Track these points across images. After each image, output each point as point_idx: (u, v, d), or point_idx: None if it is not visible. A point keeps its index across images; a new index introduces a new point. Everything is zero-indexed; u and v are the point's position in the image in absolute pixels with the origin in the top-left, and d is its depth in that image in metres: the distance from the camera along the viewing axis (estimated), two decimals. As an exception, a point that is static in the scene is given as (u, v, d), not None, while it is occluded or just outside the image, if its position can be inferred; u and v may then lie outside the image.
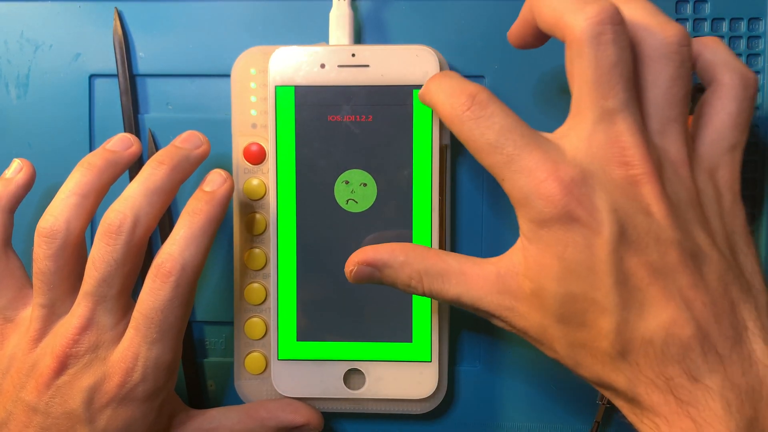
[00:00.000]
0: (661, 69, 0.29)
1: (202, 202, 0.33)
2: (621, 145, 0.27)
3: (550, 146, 0.28)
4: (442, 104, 0.30)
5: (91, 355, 0.32)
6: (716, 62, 0.31)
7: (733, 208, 0.30)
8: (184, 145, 0.34)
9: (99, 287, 0.32)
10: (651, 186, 0.27)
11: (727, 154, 0.30)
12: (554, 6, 0.28)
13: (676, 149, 0.29)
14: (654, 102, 0.29)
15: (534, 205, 0.28)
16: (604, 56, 0.27)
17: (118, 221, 0.32)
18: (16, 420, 0.32)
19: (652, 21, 0.29)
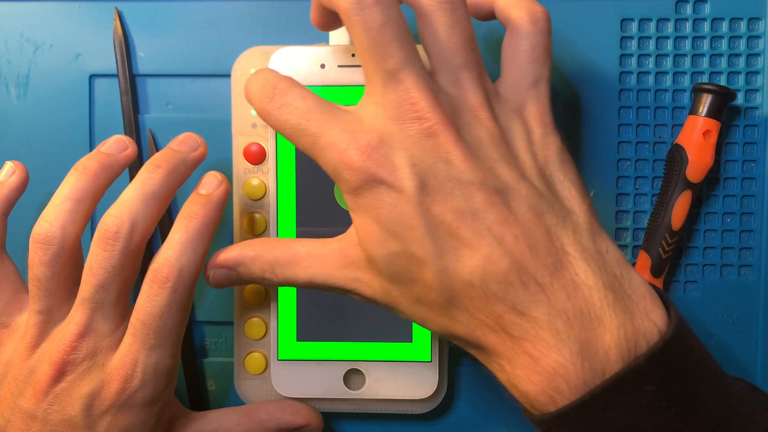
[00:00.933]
0: (436, 20, 0.29)
1: (197, 206, 0.33)
2: (411, 101, 0.28)
3: (349, 118, 0.29)
4: (253, 99, 0.31)
5: (89, 362, 0.32)
6: (506, 4, 0.32)
7: (545, 139, 0.30)
8: (180, 148, 0.34)
9: (96, 294, 0.31)
10: (446, 134, 0.28)
11: (531, 89, 0.31)
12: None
13: (471, 94, 0.29)
14: (438, 54, 0.29)
15: (343, 176, 0.28)
16: (371, 20, 0.28)
17: (115, 227, 0.31)
18: (15, 427, 0.32)
19: None
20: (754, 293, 0.39)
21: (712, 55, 0.38)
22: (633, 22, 0.38)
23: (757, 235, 0.39)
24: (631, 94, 0.39)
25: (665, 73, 0.39)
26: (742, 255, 0.39)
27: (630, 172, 0.39)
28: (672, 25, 0.38)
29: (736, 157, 0.39)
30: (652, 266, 0.37)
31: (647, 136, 0.39)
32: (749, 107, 0.38)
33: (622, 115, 0.39)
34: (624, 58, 0.39)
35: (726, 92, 0.37)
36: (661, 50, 0.38)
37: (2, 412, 0.33)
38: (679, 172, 0.37)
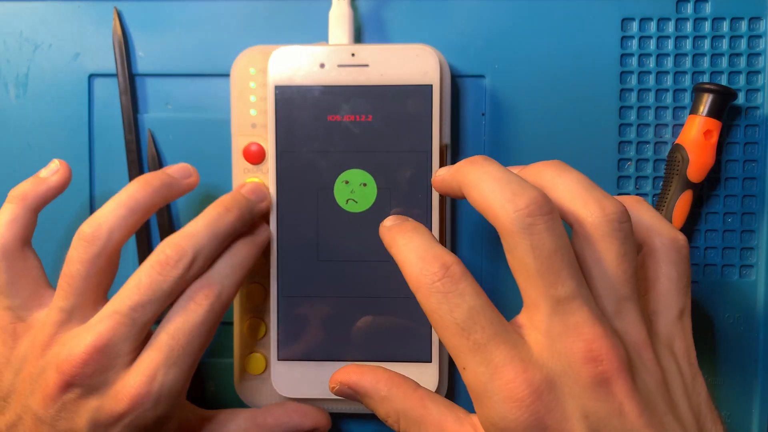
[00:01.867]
0: (607, 248, 0.27)
1: (246, 245, 0.34)
2: (584, 338, 0.26)
3: (517, 341, 0.26)
4: (411, 264, 0.28)
5: (99, 377, 0.31)
6: (644, 225, 0.30)
7: (695, 382, 0.29)
8: (250, 197, 0.35)
9: (133, 311, 0.31)
10: (622, 383, 0.26)
11: (678, 323, 0.29)
12: (483, 192, 0.27)
13: (636, 330, 0.27)
14: (604, 282, 0.27)
15: (497, 406, 0.26)
16: (541, 245, 0.26)
17: (178, 255, 0.31)
18: (26, 426, 0.32)
19: (590, 198, 0.28)
20: (754, 293, 0.39)
21: (713, 55, 0.38)
22: (634, 21, 0.38)
23: (758, 235, 0.39)
24: (632, 93, 0.39)
25: (666, 72, 0.38)
26: (742, 255, 0.39)
27: (631, 171, 0.39)
28: (673, 25, 0.38)
29: (737, 156, 0.39)
30: (653, 266, 0.37)
31: (648, 136, 0.39)
32: (750, 107, 0.38)
33: (623, 115, 0.39)
34: (625, 57, 0.39)
35: (727, 92, 0.37)
36: (662, 50, 0.38)
37: (15, 408, 0.32)
38: (680, 172, 0.37)
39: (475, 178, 0.28)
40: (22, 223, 0.34)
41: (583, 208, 0.27)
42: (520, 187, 0.26)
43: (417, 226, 0.30)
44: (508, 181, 0.27)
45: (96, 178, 0.40)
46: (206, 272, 0.33)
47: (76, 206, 0.39)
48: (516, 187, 0.26)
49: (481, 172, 0.28)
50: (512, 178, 0.27)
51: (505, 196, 0.26)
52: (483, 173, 0.28)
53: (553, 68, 0.38)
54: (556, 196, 0.28)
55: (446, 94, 0.36)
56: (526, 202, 0.26)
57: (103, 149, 0.39)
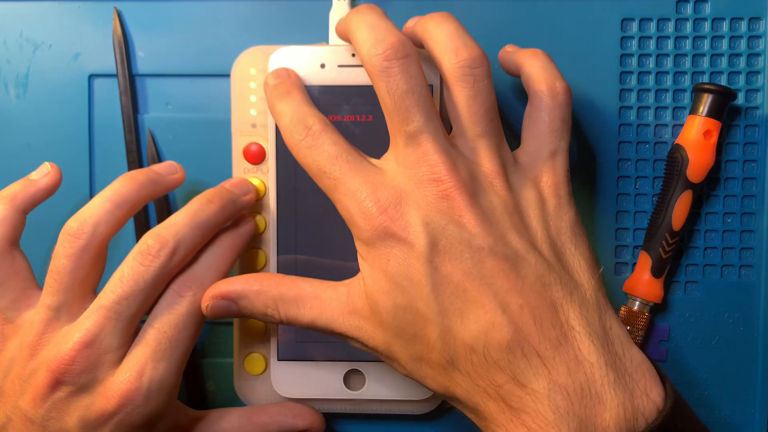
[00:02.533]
0: (459, 91, 0.30)
1: (228, 235, 0.35)
2: (429, 164, 0.29)
3: (372, 170, 0.30)
4: (283, 128, 0.32)
5: (89, 375, 0.31)
6: (530, 75, 0.33)
7: (558, 210, 0.31)
8: (234, 190, 0.35)
9: (118, 304, 0.31)
10: (461, 198, 0.29)
11: (548, 161, 0.32)
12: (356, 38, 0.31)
13: (488, 161, 0.31)
14: (459, 121, 0.31)
15: (358, 224, 0.30)
16: (394, 87, 0.29)
17: (159, 245, 0.32)
18: (15, 427, 0.32)
19: (450, 46, 0.31)
20: (754, 293, 0.39)
21: (713, 55, 0.38)
22: (633, 21, 0.38)
23: (757, 236, 0.39)
24: (631, 94, 0.39)
25: (666, 72, 0.38)
26: (742, 255, 0.39)
27: (630, 172, 0.39)
28: (672, 25, 0.38)
29: (737, 157, 0.39)
30: (653, 266, 0.37)
31: (648, 136, 0.39)
32: (750, 107, 0.38)
33: (622, 115, 0.39)
34: (624, 57, 0.39)
35: (726, 92, 0.37)
36: (661, 50, 0.38)
37: (4, 409, 0.33)
38: (680, 172, 0.37)
39: (354, 25, 0.31)
40: (10, 223, 0.34)
41: (443, 56, 0.31)
42: (384, 34, 0.30)
43: (289, 88, 0.33)
44: (377, 28, 0.30)
45: (96, 178, 0.40)
46: (190, 265, 0.33)
47: (76, 206, 0.39)
48: (381, 34, 0.30)
49: (358, 20, 0.31)
50: (382, 25, 0.30)
51: (370, 42, 0.30)
52: (360, 21, 0.31)
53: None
54: (430, 45, 0.31)
55: (446, 94, 0.36)
56: (384, 47, 0.29)
57: (103, 149, 0.39)
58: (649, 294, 0.38)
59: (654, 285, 0.38)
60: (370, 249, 0.30)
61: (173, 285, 0.33)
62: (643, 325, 0.38)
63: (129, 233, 0.39)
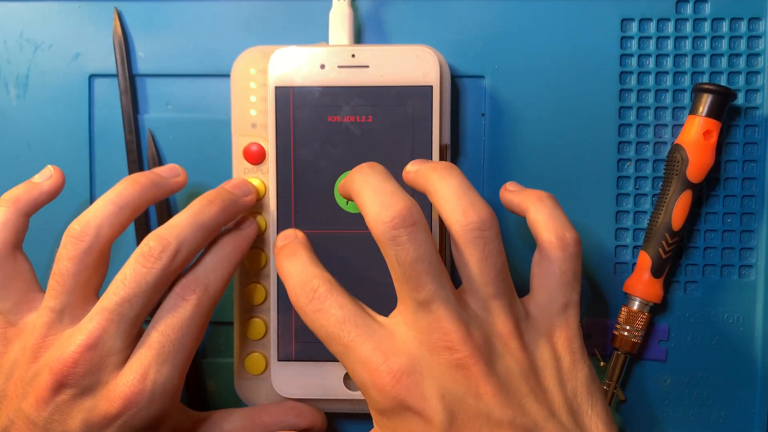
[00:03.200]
0: (470, 253, 0.30)
1: (231, 237, 0.35)
2: (442, 331, 0.29)
3: (382, 334, 0.29)
4: (290, 291, 0.31)
5: (92, 377, 0.31)
6: (537, 223, 0.32)
7: (573, 368, 0.31)
8: (234, 191, 0.35)
9: (120, 306, 0.31)
10: (477, 367, 0.28)
11: (561, 315, 0.31)
12: (361, 201, 0.30)
13: (501, 322, 0.30)
14: (471, 281, 0.30)
15: (372, 395, 0.29)
16: (403, 255, 0.28)
17: (161, 246, 0.32)
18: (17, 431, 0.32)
19: (457, 205, 0.30)
20: (754, 293, 0.39)
21: (713, 55, 0.38)
22: (633, 22, 0.38)
23: (757, 236, 0.39)
24: (631, 94, 0.39)
25: (666, 73, 0.38)
26: (742, 255, 0.39)
27: (630, 172, 0.39)
28: (672, 25, 0.38)
29: (737, 157, 0.39)
30: (653, 266, 0.37)
31: (648, 136, 0.39)
32: (750, 107, 0.38)
33: (622, 115, 0.39)
34: (624, 58, 0.39)
35: (726, 92, 0.37)
36: (661, 50, 0.38)
37: (7, 411, 0.32)
38: (680, 172, 0.37)
39: (358, 188, 0.30)
40: (13, 226, 0.34)
41: (451, 216, 0.30)
42: (390, 200, 0.29)
43: (295, 248, 0.32)
44: (382, 192, 0.29)
45: (96, 178, 0.40)
46: (193, 268, 0.33)
47: (77, 207, 0.39)
48: (387, 199, 0.29)
49: (362, 182, 0.30)
50: (387, 189, 0.29)
51: (375, 208, 0.29)
52: (363, 183, 0.30)
53: (552, 69, 0.38)
54: (435, 200, 0.31)
55: (446, 94, 0.36)
56: (392, 215, 0.28)
57: (104, 149, 0.40)
58: (648, 294, 0.38)
59: (654, 285, 0.38)
60: (386, 420, 0.29)
61: (176, 288, 0.33)
62: (642, 325, 0.38)
63: (130, 236, 0.39)
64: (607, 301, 0.39)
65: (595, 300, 0.39)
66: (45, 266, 0.39)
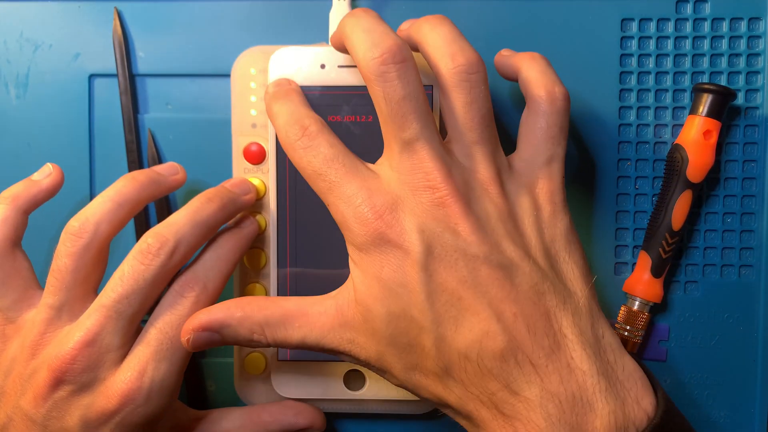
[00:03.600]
0: (455, 97, 0.30)
1: (231, 235, 0.35)
2: (424, 171, 0.29)
3: (368, 175, 0.30)
4: (279, 129, 0.31)
5: (90, 374, 0.31)
6: (528, 79, 0.33)
7: (553, 218, 0.31)
8: (233, 189, 0.35)
9: (118, 303, 0.31)
10: (456, 206, 0.29)
11: (544, 167, 0.32)
12: (352, 41, 0.30)
13: (483, 168, 0.30)
14: (455, 128, 0.30)
15: (352, 229, 0.29)
16: (391, 92, 0.29)
17: (159, 243, 0.32)
18: (16, 427, 0.32)
19: (446, 50, 0.30)
20: (754, 293, 0.39)
21: (713, 55, 0.38)
22: (633, 21, 0.38)
23: (757, 235, 0.39)
24: (631, 93, 0.39)
25: (666, 72, 0.38)
26: (742, 255, 0.39)
27: (630, 172, 0.39)
28: (672, 25, 0.38)
29: (737, 157, 0.39)
30: (653, 266, 0.37)
31: (648, 136, 0.39)
32: (750, 107, 0.38)
33: (622, 115, 0.39)
34: (624, 57, 0.39)
35: (726, 92, 0.37)
36: (661, 50, 0.38)
37: (5, 409, 0.33)
38: (680, 172, 0.37)
39: (349, 29, 0.30)
40: (12, 224, 0.34)
41: (440, 61, 0.30)
42: (380, 38, 0.29)
43: (287, 92, 0.33)
44: (373, 31, 0.29)
45: (96, 178, 0.40)
46: (192, 266, 0.33)
47: (76, 206, 0.39)
48: (377, 37, 0.29)
49: (354, 24, 0.30)
50: (378, 29, 0.30)
51: (366, 45, 0.29)
52: (355, 25, 0.30)
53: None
54: (426, 49, 0.31)
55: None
56: (380, 51, 0.29)
57: (104, 149, 0.40)
58: (648, 294, 0.38)
59: (654, 285, 0.38)
60: (364, 254, 0.29)
61: (175, 285, 0.33)
62: (642, 325, 0.38)
63: (129, 233, 0.39)
64: (607, 301, 0.39)
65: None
66: (44, 264, 0.39)
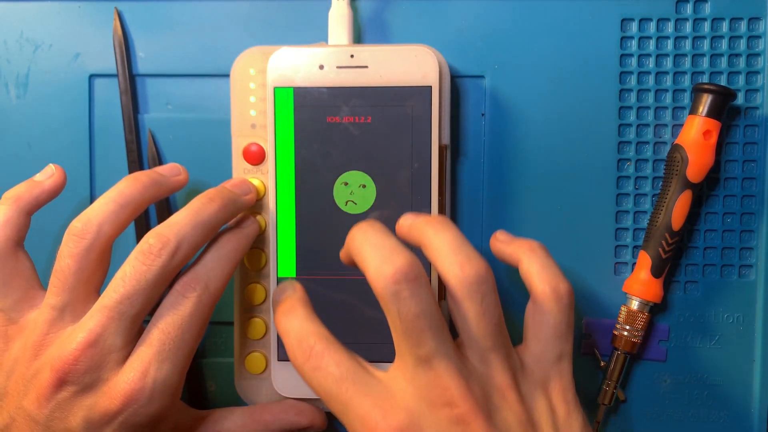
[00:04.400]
0: (467, 307, 0.30)
1: (232, 235, 0.35)
2: (442, 387, 0.29)
3: (380, 390, 0.29)
4: (288, 350, 0.31)
5: (92, 374, 0.31)
6: (531, 273, 0.32)
7: (568, 419, 0.31)
8: (235, 190, 0.35)
9: (120, 303, 0.31)
10: (477, 422, 0.28)
11: (555, 366, 0.32)
12: (361, 258, 0.30)
13: (499, 375, 0.30)
14: (469, 335, 0.30)
15: None
16: (405, 311, 0.28)
17: (161, 243, 0.32)
18: (19, 428, 0.32)
19: (454, 259, 0.30)
20: (754, 293, 0.39)
21: (713, 55, 0.38)
22: (633, 22, 0.38)
23: (757, 235, 0.39)
24: (631, 94, 0.39)
25: (665, 73, 0.38)
26: (742, 255, 0.39)
27: (630, 172, 0.39)
28: (672, 25, 0.38)
29: (737, 157, 0.39)
30: (653, 266, 0.37)
31: (647, 136, 0.39)
32: (749, 107, 0.38)
33: (622, 115, 0.39)
34: (624, 58, 0.39)
35: (726, 92, 0.37)
36: (661, 50, 0.38)
37: (8, 409, 0.33)
38: (680, 172, 0.37)
39: (358, 244, 0.30)
40: (15, 224, 0.34)
41: (448, 270, 0.30)
42: (391, 255, 0.29)
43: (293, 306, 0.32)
44: (382, 248, 0.29)
45: (96, 178, 0.40)
46: (193, 266, 0.33)
47: (77, 206, 0.39)
48: (388, 254, 0.29)
49: (362, 240, 0.30)
50: (387, 244, 0.29)
51: (376, 263, 0.29)
52: (364, 241, 0.30)
53: (552, 69, 0.38)
54: (431, 254, 0.30)
55: (446, 94, 0.36)
56: (393, 270, 0.28)
57: (104, 149, 0.40)
58: (648, 294, 0.38)
59: (653, 285, 0.38)
60: None
61: (177, 285, 0.33)
62: (642, 325, 0.38)
63: (129, 234, 0.39)
64: (607, 301, 0.39)
65: (595, 300, 0.39)
66: (44, 265, 0.39)
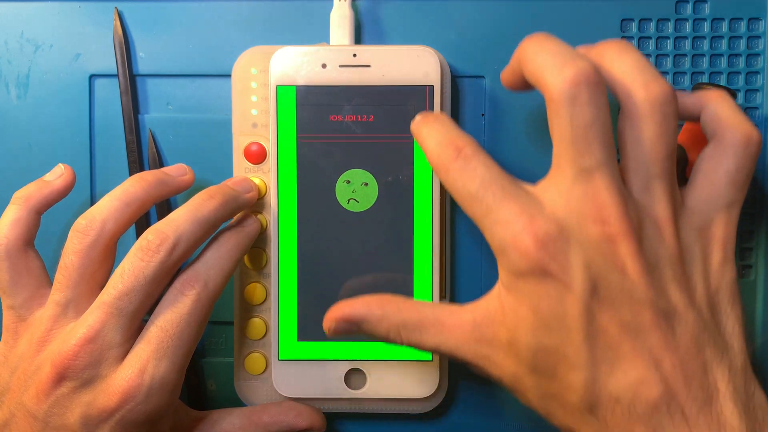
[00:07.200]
0: (644, 127, 0.29)
1: (233, 233, 0.35)
2: (598, 203, 0.28)
3: (528, 199, 0.28)
4: (431, 151, 0.30)
5: (92, 370, 0.31)
6: (720, 117, 0.31)
7: (722, 266, 0.30)
8: (235, 187, 0.35)
9: (119, 300, 0.31)
10: (627, 244, 0.28)
11: (723, 212, 0.30)
12: (537, 63, 0.29)
13: (660, 207, 0.29)
14: (637, 159, 0.29)
15: (510, 256, 0.28)
16: (580, 116, 0.27)
17: (159, 240, 0.32)
18: (18, 424, 0.32)
19: (638, 78, 0.29)
20: (754, 293, 0.39)
21: (712, 55, 0.38)
22: (633, 22, 0.39)
23: (756, 235, 0.39)
24: (631, 94, 0.39)
25: (665, 73, 0.39)
26: (742, 255, 0.39)
27: (630, 171, 0.39)
28: (672, 25, 0.38)
29: (736, 157, 0.39)
30: (653, 266, 0.37)
31: (647, 136, 0.39)
32: (749, 107, 0.39)
33: (622, 115, 0.39)
34: (624, 58, 0.39)
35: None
36: (661, 50, 0.39)
37: (9, 404, 0.33)
38: (680, 172, 0.37)
39: (532, 51, 0.29)
40: (25, 224, 0.34)
41: (630, 87, 0.29)
42: (571, 58, 0.28)
43: (437, 116, 0.32)
44: (562, 52, 0.28)
45: (97, 178, 0.40)
46: (193, 263, 0.33)
47: (78, 206, 0.39)
48: (568, 57, 0.28)
49: (538, 46, 0.29)
50: (567, 50, 0.28)
51: (556, 65, 0.28)
52: (539, 46, 0.29)
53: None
54: (611, 74, 0.29)
55: (446, 94, 0.36)
56: (574, 71, 0.27)
57: (104, 149, 0.40)
58: (649, 293, 0.38)
59: None
60: (521, 283, 0.28)
61: (176, 283, 0.33)
62: (643, 325, 0.38)
63: (130, 232, 0.39)
64: (607, 301, 0.39)
65: (596, 300, 0.39)
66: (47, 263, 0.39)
